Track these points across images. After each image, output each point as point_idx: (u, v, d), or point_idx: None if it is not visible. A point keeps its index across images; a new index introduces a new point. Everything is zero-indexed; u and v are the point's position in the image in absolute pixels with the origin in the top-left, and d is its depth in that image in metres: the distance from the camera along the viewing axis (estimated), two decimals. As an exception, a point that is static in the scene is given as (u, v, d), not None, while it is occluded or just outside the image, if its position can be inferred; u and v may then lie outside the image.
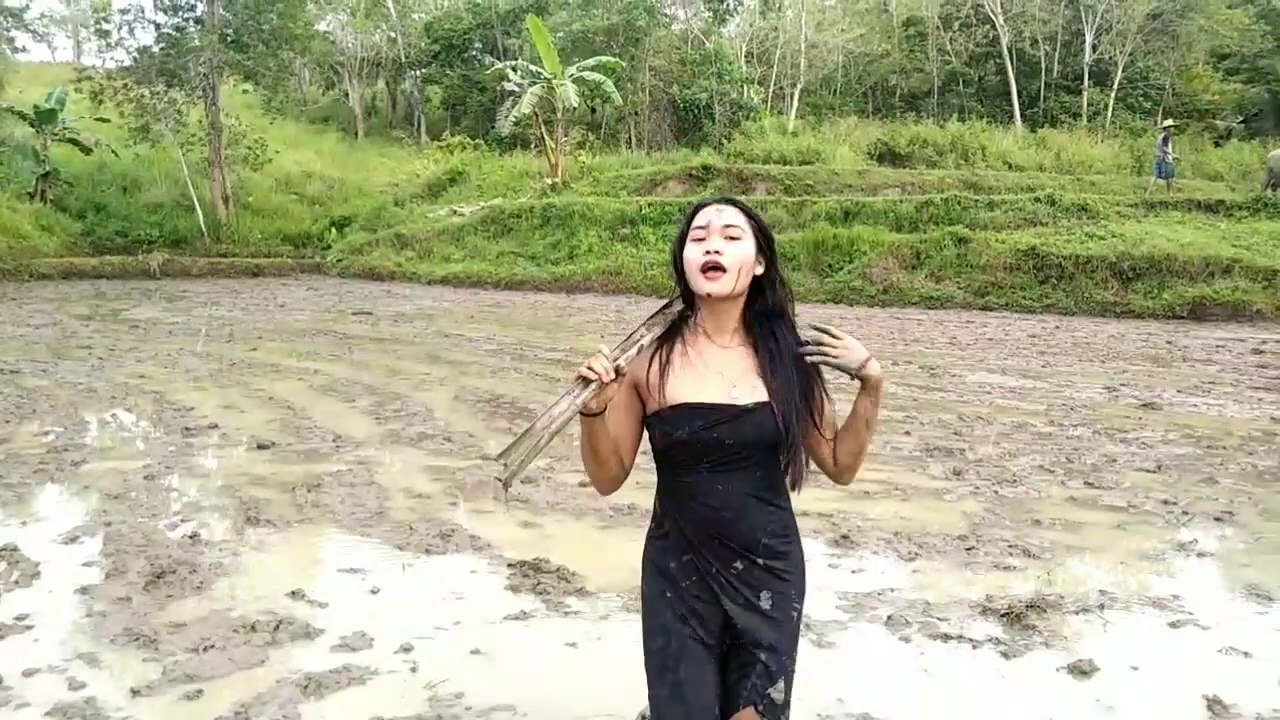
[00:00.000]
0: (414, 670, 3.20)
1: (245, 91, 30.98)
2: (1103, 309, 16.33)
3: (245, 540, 4.52)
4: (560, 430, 1.70)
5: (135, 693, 3.00)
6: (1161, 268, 16.43)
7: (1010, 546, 4.56)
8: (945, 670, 3.29)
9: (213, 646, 3.32)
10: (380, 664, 3.24)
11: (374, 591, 3.92)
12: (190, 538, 4.50)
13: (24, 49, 43.20)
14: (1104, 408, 8.22)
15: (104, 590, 3.84)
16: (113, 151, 26.93)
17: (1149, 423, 7.58)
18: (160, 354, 10.72)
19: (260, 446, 6.40)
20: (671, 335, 1.88)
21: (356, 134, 39.52)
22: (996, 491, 5.54)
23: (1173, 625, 3.68)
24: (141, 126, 26.00)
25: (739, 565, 1.84)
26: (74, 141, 26.38)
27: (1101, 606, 3.84)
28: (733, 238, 1.83)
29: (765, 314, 1.89)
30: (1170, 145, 20.96)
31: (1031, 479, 5.83)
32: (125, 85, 25.90)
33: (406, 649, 3.36)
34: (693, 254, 1.83)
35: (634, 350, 1.80)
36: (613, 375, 1.72)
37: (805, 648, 3.41)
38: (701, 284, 1.81)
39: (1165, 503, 5.35)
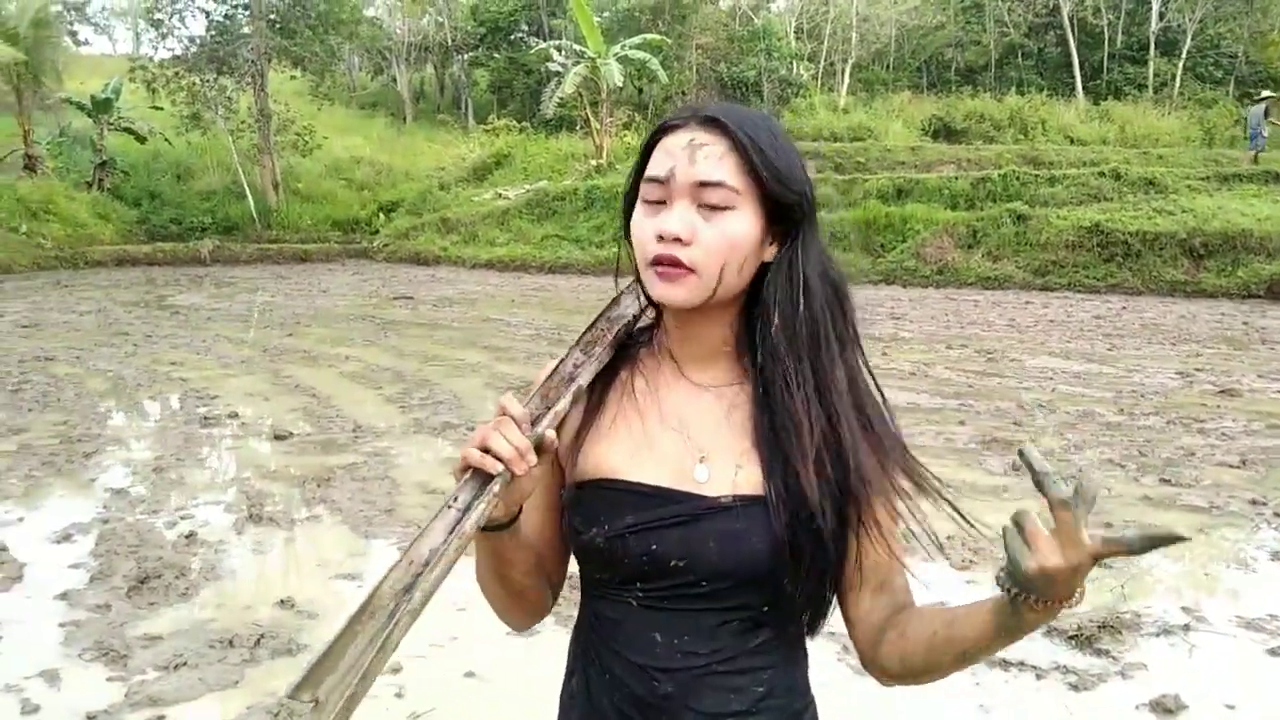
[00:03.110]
0: (399, 695, 2.87)
1: (293, 78, 31.11)
2: (1172, 288, 15.48)
3: (243, 540, 4.25)
4: (431, 596, 0.90)
5: (91, 719, 2.72)
6: (1236, 244, 15.51)
7: (1078, 553, 4.09)
8: (1005, 706, 2.87)
9: (185, 664, 3.04)
10: (363, 688, 2.91)
11: (369, 601, 3.61)
12: (186, 537, 4.24)
13: (86, 42, 44.02)
14: (1177, 394, 7.62)
15: (84, 596, 3.59)
16: (166, 140, 27.22)
17: (1228, 411, 6.98)
18: (195, 340, 10.61)
19: (277, 437, 6.16)
20: (617, 357, 1.07)
21: (404, 119, 39.53)
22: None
23: (1272, 653, 3.20)
24: (193, 114, 26.23)
25: None
26: (130, 131, 26.69)
27: (1186, 628, 3.37)
28: (713, 206, 0.95)
29: (784, 333, 0.99)
30: (1268, 117, 19.88)
31: (1100, 474, 5.32)
32: (177, 74, 26.12)
33: (394, 669, 3.03)
34: (640, 230, 0.98)
35: (565, 401, 1.00)
36: (532, 458, 0.94)
37: (840, 674, 3.03)
38: (651, 286, 0.98)
39: (1253, 503, 4.81)
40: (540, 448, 0.95)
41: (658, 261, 0.96)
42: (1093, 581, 3.68)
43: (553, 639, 3.30)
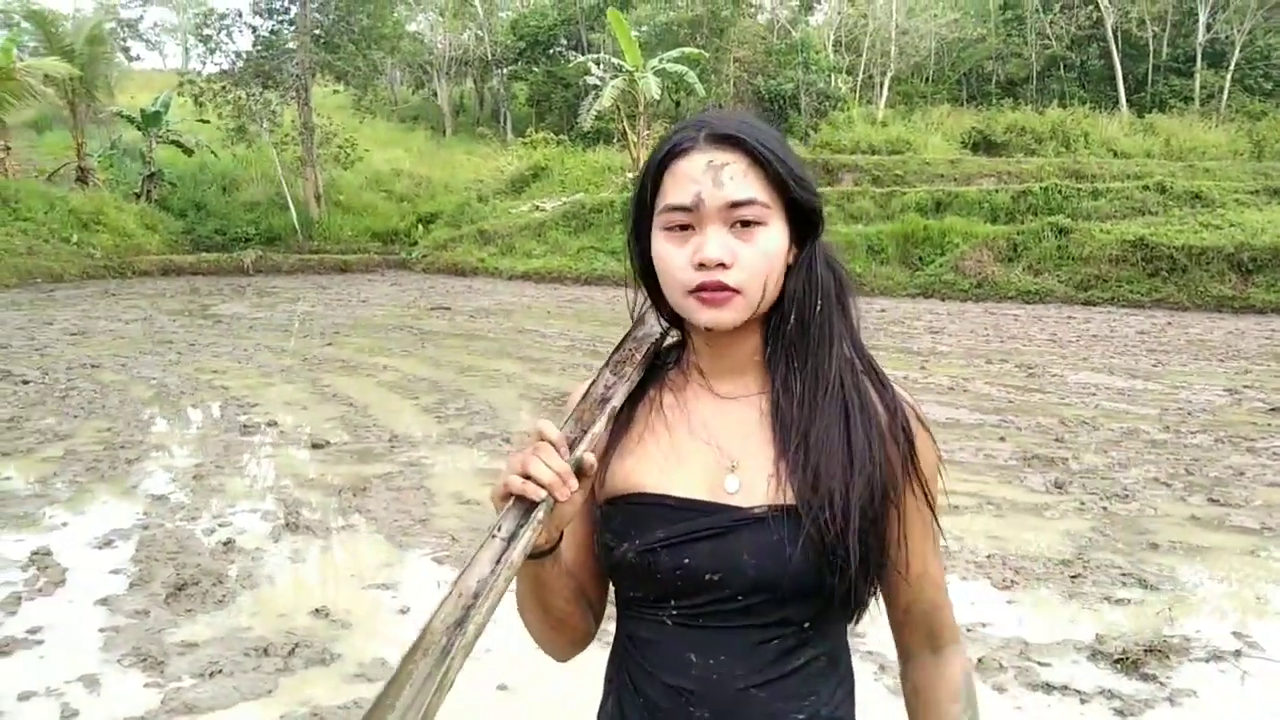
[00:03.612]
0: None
1: (336, 92, 31.64)
2: (1219, 304, 15.14)
3: (280, 548, 4.28)
4: (483, 628, 0.87)
5: (128, 724, 2.75)
6: (1286, 259, 15.16)
7: (1123, 574, 3.99)
8: (1046, 730, 2.80)
9: (220, 671, 3.06)
10: (395, 698, 2.91)
11: (403, 611, 3.62)
12: (224, 544, 4.28)
13: (138, 57, 45.07)
14: (1226, 412, 7.43)
15: (124, 602, 3.64)
16: (212, 152, 27.78)
17: (1279, 430, 6.80)
18: (237, 349, 10.77)
19: (315, 446, 6.22)
20: (645, 376, 1.06)
21: (444, 132, 39.95)
22: (1105, 508, 4.93)
23: (1328, 681, 3.10)
24: (239, 127, 26.73)
25: None
26: (177, 143, 27.26)
27: (1237, 653, 3.26)
28: (748, 222, 0.93)
29: (798, 331, 0.99)
30: None
31: (1145, 493, 5.20)
32: (224, 88, 26.65)
33: (427, 681, 3.02)
34: (671, 261, 0.95)
35: (601, 423, 0.98)
36: (574, 482, 0.92)
37: (877, 694, 2.97)
38: (695, 313, 0.96)
39: (1306, 525, 4.67)
40: (580, 471, 0.93)
41: (701, 288, 0.94)
42: (1138, 604, 3.61)
43: (587, 654, 3.27)
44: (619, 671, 1.05)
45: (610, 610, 1.10)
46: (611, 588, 1.08)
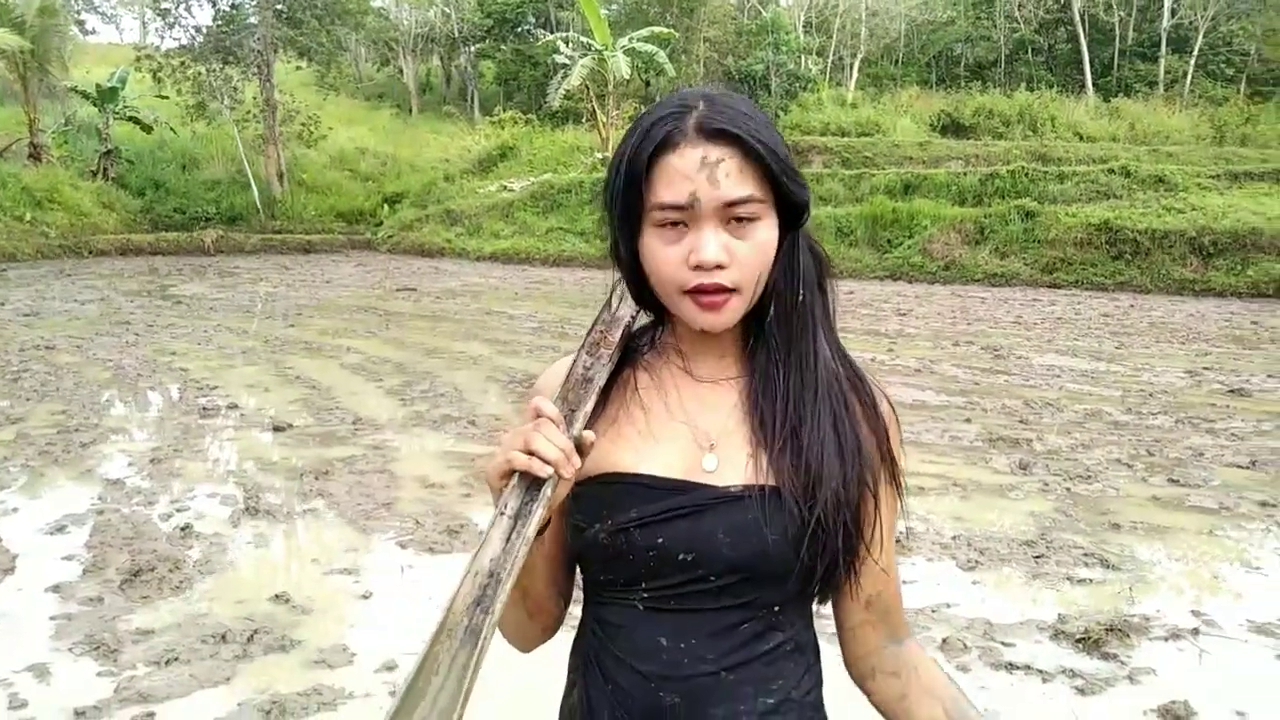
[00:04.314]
0: (393, 693, 2.82)
1: (299, 68, 31.08)
2: (1180, 287, 15.38)
3: (239, 533, 4.20)
4: (505, 604, 0.87)
5: (79, 715, 2.67)
6: (1246, 243, 15.40)
7: (1085, 554, 4.03)
8: (1011, 710, 2.81)
9: (176, 659, 2.98)
10: (356, 686, 2.86)
11: (365, 597, 3.56)
12: (181, 530, 4.19)
13: (93, 31, 44.09)
14: (1186, 393, 7.54)
15: (77, 589, 3.54)
16: (171, 129, 27.14)
17: (1238, 411, 6.91)
18: (196, 331, 10.57)
19: (276, 429, 6.11)
20: (620, 358, 1.01)
21: (410, 110, 39.42)
22: (1069, 489, 4.98)
23: (1283, 658, 3.14)
24: (198, 104, 26.17)
25: None
26: (135, 120, 26.57)
27: (1195, 631, 3.30)
28: (745, 219, 0.90)
29: (780, 320, 0.98)
30: None
31: (1108, 474, 5.26)
32: (183, 63, 26.06)
33: (389, 668, 2.97)
34: (665, 260, 0.91)
35: (591, 402, 0.95)
36: (576, 459, 0.89)
37: (842, 673, 2.98)
38: (692, 317, 0.93)
39: (1263, 504, 4.74)
40: (580, 448, 0.91)
41: (700, 290, 0.91)
42: (1100, 584, 3.64)
43: (553, 642, 3.25)
44: (585, 659, 1.02)
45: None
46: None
